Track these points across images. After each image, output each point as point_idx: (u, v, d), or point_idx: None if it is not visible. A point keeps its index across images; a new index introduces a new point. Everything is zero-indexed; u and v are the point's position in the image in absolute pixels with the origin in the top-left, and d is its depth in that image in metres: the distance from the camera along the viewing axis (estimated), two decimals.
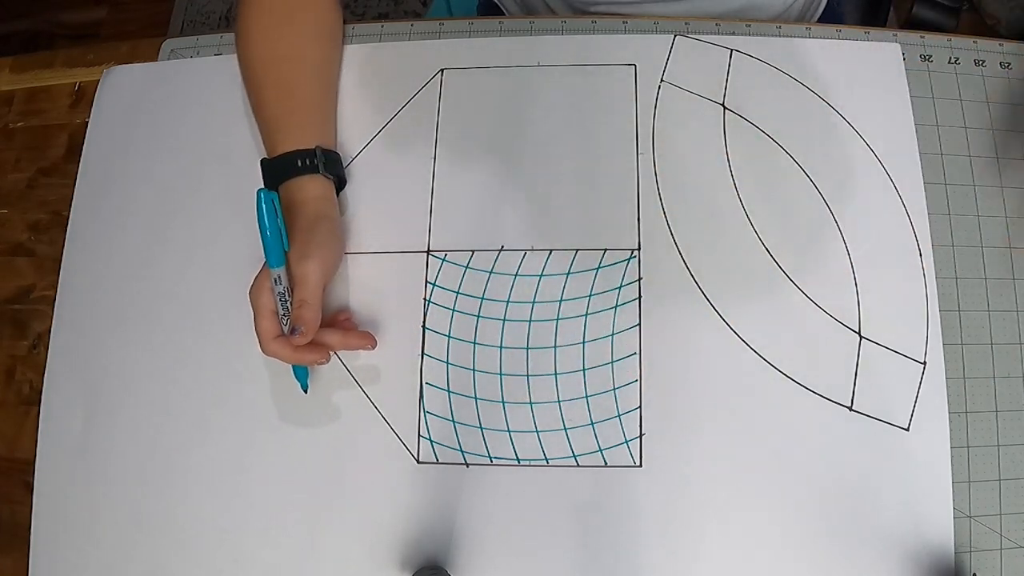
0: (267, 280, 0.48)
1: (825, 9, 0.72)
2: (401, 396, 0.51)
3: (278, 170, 0.52)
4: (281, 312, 0.48)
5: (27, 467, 0.53)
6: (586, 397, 0.50)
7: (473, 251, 0.53)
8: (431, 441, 0.50)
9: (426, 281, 0.53)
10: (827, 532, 0.47)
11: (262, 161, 0.53)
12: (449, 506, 0.49)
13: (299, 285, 0.48)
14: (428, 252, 0.54)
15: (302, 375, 0.51)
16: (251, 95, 0.55)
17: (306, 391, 0.51)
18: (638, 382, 0.50)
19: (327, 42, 0.57)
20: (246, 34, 0.55)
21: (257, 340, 0.48)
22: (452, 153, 0.56)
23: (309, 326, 0.47)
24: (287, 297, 0.48)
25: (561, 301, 0.52)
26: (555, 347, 0.51)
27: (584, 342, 0.51)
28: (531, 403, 0.50)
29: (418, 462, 0.50)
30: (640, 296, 0.52)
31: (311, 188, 0.52)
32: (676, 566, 0.47)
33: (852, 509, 0.47)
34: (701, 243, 0.52)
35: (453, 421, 0.51)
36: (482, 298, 0.52)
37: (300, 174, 0.51)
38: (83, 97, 0.62)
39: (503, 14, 0.75)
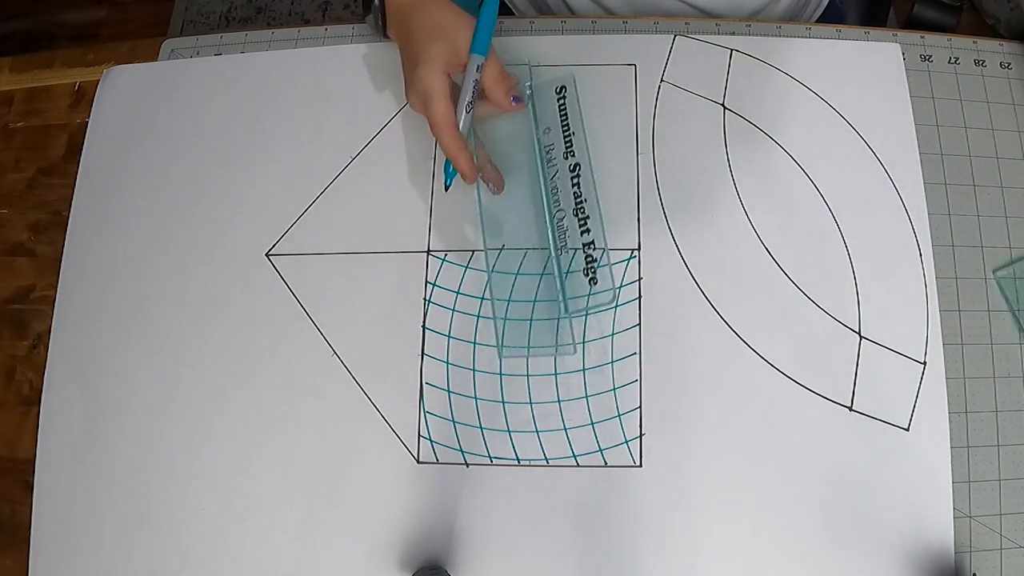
0: (441, 71, 0.48)
1: (827, 8, 0.72)
2: (401, 396, 0.51)
3: None
4: (468, 100, 0.49)
5: (27, 467, 0.53)
6: (586, 397, 0.50)
7: (473, 251, 0.53)
8: (431, 441, 0.50)
9: (426, 281, 0.53)
10: (827, 532, 0.47)
11: None
12: (449, 506, 0.49)
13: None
14: (428, 252, 0.54)
15: (451, 174, 0.51)
16: None
17: (447, 189, 0.52)
18: (638, 382, 0.50)
19: None
20: None
21: (430, 123, 0.49)
22: None
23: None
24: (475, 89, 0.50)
25: None
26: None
27: (584, 342, 0.51)
28: (531, 403, 0.50)
29: (418, 462, 0.50)
30: (640, 296, 0.52)
31: None
32: (676, 566, 0.47)
33: (852, 509, 0.47)
34: (701, 243, 0.52)
35: (453, 421, 0.51)
36: (482, 298, 0.52)
37: None
38: (83, 97, 0.62)
39: (510, 14, 0.75)
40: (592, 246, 0.51)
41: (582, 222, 0.51)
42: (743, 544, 0.47)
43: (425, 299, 0.53)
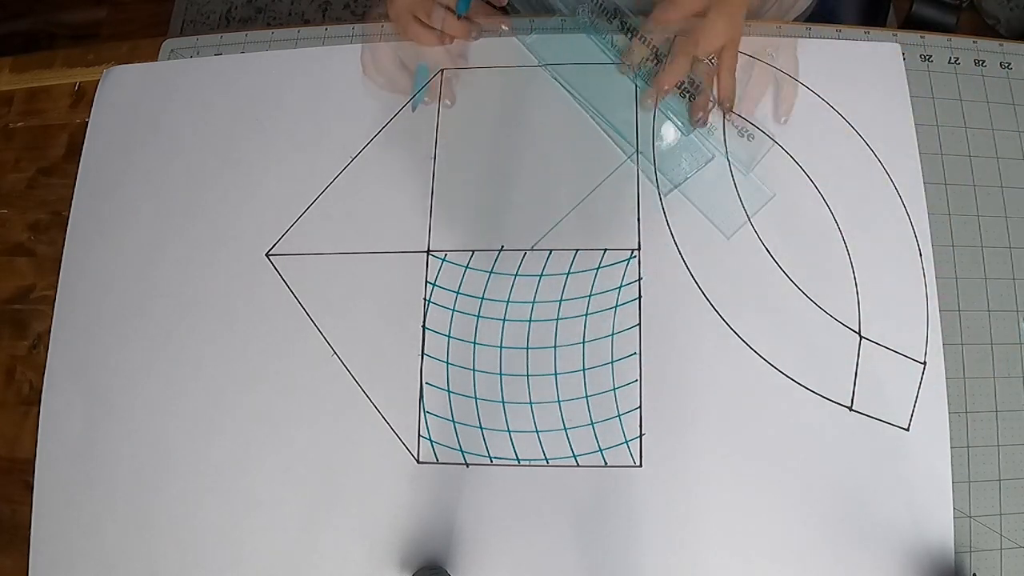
0: None
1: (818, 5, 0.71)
2: (401, 396, 0.51)
3: None
4: None
5: (27, 467, 0.53)
6: (586, 397, 0.50)
7: (473, 251, 0.53)
8: (431, 441, 0.50)
9: (426, 281, 0.53)
10: (827, 532, 0.47)
11: None
12: (449, 506, 0.49)
13: None
14: (428, 252, 0.54)
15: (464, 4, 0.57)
16: None
17: (458, 17, 0.57)
18: (638, 382, 0.50)
19: None
20: None
21: None
22: (452, 153, 0.56)
23: None
24: None
25: (561, 301, 0.52)
26: (555, 347, 0.51)
27: (584, 342, 0.51)
28: (531, 403, 0.50)
29: (418, 462, 0.50)
30: (640, 296, 0.52)
31: None
32: (676, 566, 0.47)
33: (852, 509, 0.47)
34: (701, 243, 0.52)
35: (453, 421, 0.51)
36: (482, 298, 0.52)
37: None
38: (83, 97, 0.62)
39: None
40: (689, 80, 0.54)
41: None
42: (743, 544, 0.47)
43: (425, 299, 0.53)
